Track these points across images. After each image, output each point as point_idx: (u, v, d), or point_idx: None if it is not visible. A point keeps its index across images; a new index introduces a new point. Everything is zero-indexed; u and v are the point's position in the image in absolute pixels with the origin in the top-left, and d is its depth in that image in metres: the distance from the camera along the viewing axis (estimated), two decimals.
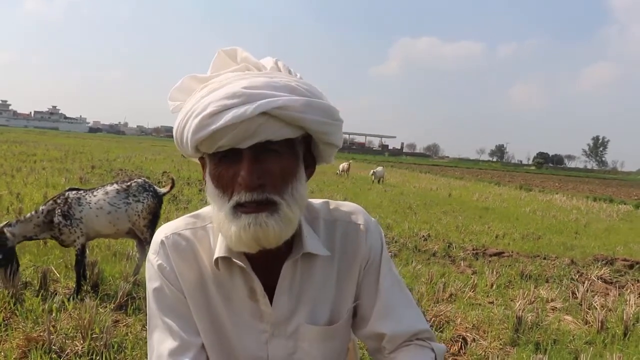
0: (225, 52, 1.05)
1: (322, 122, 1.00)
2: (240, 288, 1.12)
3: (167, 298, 1.13)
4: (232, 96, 0.93)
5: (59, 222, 4.52)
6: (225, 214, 1.00)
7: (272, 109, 0.93)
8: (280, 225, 0.99)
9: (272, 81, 0.97)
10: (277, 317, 1.13)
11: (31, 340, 3.53)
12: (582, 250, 9.46)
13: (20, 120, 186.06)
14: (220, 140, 0.95)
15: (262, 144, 0.96)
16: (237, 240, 1.00)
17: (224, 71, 1.02)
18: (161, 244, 1.15)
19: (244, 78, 0.97)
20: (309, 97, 0.98)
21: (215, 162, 1.01)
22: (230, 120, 0.91)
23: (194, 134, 0.96)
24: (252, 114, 0.91)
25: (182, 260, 1.14)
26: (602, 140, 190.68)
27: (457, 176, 41.20)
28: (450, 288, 5.77)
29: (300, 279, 1.14)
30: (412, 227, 10.14)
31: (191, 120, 0.97)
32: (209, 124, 0.93)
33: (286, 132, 0.97)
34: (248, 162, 0.96)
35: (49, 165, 17.65)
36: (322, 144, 1.07)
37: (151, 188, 5.04)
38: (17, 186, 10.89)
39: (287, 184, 1.01)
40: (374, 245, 1.19)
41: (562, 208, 18.99)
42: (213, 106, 0.93)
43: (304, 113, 0.96)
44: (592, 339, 4.68)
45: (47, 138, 52.43)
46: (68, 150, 28.85)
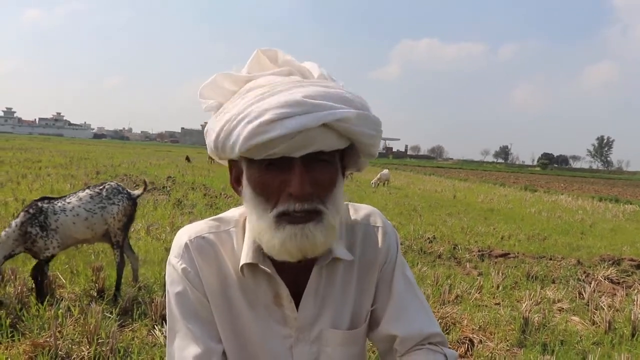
0: (263, 53, 1.03)
1: (372, 135, 1.00)
2: (265, 293, 1.11)
3: (190, 303, 1.10)
4: (293, 104, 0.90)
5: (36, 233, 4.35)
6: (268, 223, 0.98)
7: (332, 121, 0.92)
8: (326, 234, 0.98)
9: (329, 91, 0.95)
10: (302, 322, 1.12)
11: (38, 345, 3.54)
12: (589, 251, 9.42)
13: (25, 127, 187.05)
14: (275, 148, 0.92)
15: (314, 153, 0.95)
16: (282, 250, 0.98)
17: (265, 73, 1.00)
18: (185, 247, 1.12)
19: (301, 86, 0.95)
20: (362, 109, 0.98)
21: (260, 169, 0.97)
22: (292, 129, 0.89)
23: (247, 140, 0.92)
24: (312, 125, 0.90)
25: (206, 264, 1.11)
26: (607, 140, 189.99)
27: (462, 178, 41.13)
28: (456, 290, 5.75)
29: (325, 283, 1.13)
30: (417, 229, 10.11)
31: (243, 125, 0.92)
32: (267, 130, 0.90)
33: (338, 143, 0.97)
34: (301, 172, 0.94)
35: (54, 171, 17.69)
36: (364, 155, 1.07)
37: (125, 190, 4.99)
38: (23, 193, 10.92)
39: (331, 193, 1.00)
40: (390, 248, 1.19)
41: (568, 209, 18.93)
42: (272, 113, 0.90)
43: (358, 126, 0.96)
44: (599, 340, 4.66)
45: (52, 144, 52.65)
46: (73, 157, 28.95)
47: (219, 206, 11.44)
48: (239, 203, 1.18)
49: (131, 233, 7.60)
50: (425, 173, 46.87)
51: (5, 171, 16.36)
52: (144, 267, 5.71)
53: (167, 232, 7.92)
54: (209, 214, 10.38)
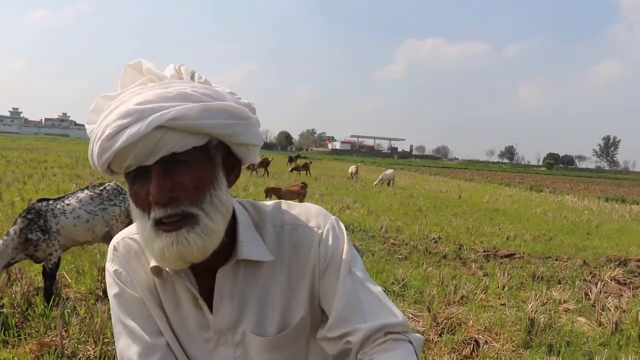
0: (130, 67, 1.01)
1: (224, 125, 0.96)
2: (185, 294, 1.11)
3: (126, 302, 1.12)
4: (125, 115, 0.90)
5: (38, 238, 4.22)
6: (147, 232, 0.98)
7: (165, 122, 0.90)
8: (203, 238, 0.96)
9: (165, 92, 0.93)
10: (220, 325, 1.10)
11: (44, 345, 3.56)
12: (595, 251, 9.38)
13: (31, 128, 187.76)
14: (125, 161, 0.93)
15: (169, 156, 0.93)
16: (162, 259, 0.98)
17: (131, 86, 0.98)
18: (114, 249, 1.15)
19: (138, 93, 0.94)
20: (205, 101, 0.95)
21: (130, 182, 0.98)
22: (126, 141, 0.89)
23: (99, 158, 0.94)
24: (146, 131, 0.89)
25: (134, 264, 1.13)
26: (613, 140, 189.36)
27: (467, 178, 41.04)
28: (462, 290, 5.73)
29: (242, 285, 1.10)
30: (422, 229, 10.10)
31: (95, 144, 0.94)
32: (109, 147, 0.91)
33: (189, 141, 0.94)
34: (156, 178, 0.93)
35: (59, 171, 17.78)
36: (234, 146, 1.03)
37: (124, 191, 4.88)
38: (29, 193, 10.97)
39: (204, 193, 0.97)
40: (329, 248, 1.12)
41: (574, 209, 18.87)
42: (110, 128, 0.91)
43: (200, 119, 0.93)
44: (606, 341, 4.64)
45: (58, 145, 52.87)
46: (78, 157, 29.04)
47: None
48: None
49: None
50: (430, 173, 46.79)
51: (12, 171, 16.46)
52: None
53: None
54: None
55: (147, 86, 0.97)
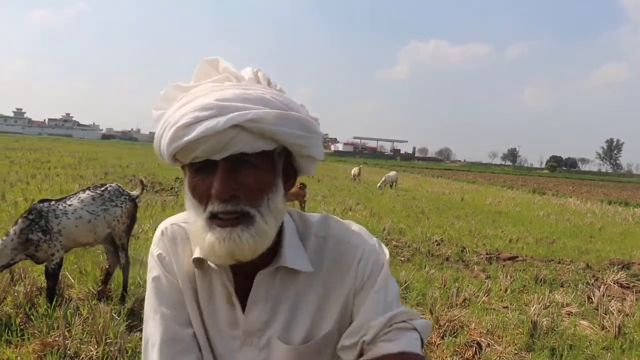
0: (207, 62, 1.05)
1: (296, 135, 0.99)
2: (220, 290, 1.13)
3: (164, 287, 1.14)
4: (204, 108, 0.93)
5: (39, 238, 4.19)
6: (200, 224, 1.00)
7: (243, 122, 0.93)
8: (255, 238, 0.98)
9: (245, 93, 0.96)
10: (249, 326, 1.11)
11: (46, 345, 3.57)
12: (598, 254, 9.37)
13: (34, 128, 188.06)
14: (194, 152, 0.95)
15: (237, 155, 0.96)
16: (211, 252, 1.00)
17: (205, 81, 1.02)
18: (161, 234, 1.18)
19: (218, 90, 0.97)
20: (283, 109, 0.97)
21: (192, 173, 1.01)
22: (202, 133, 0.92)
23: (169, 145, 0.97)
24: (223, 127, 0.91)
25: (180, 250, 1.16)
26: (617, 142, 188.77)
27: (470, 180, 40.97)
28: (464, 293, 5.73)
29: (277, 291, 1.11)
30: (425, 231, 10.09)
31: (167, 130, 0.97)
32: (182, 135, 0.94)
33: (260, 144, 0.96)
34: (221, 174, 0.96)
35: (62, 172, 17.83)
36: (299, 157, 1.06)
37: (125, 192, 4.90)
38: (32, 193, 11.00)
39: (263, 196, 1.00)
40: (368, 267, 1.12)
41: (577, 212, 18.83)
42: (186, 118, 0.94)
43: (276, 126, 0.96)
44: (609, 345, 4.63)
45: (61, 145, 52.98)
46: (81, 157, 29.12)
47: None
48: None
49: (139, 234, 7.65)
50: (433, 175, 46.76)
51: (15, 171, 16.50)
52: None
53: None
54: None
55: (224, 84, 1.00)
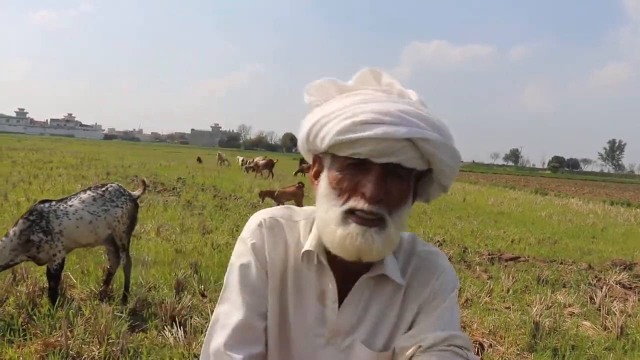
0: (370, 72, 1.10)
1: (449, 165, 1.07)
2: (313, 288, 1.16)
3: (251, 275, 1.16)
4: (387, 114, 0.99)
5: (40, 239, 4.17)
6: (335, 216, 1.04)
7: (418, 138, 0.99)
8: (385, 243, 1.04)
9: (421, 113, 1.02)
10: (339, 326, 1.15)
11: (49, 345, 3.57)
12: (600, 255, 9.35)
13: (36, 128, 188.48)
14: (360, 148, 1.00)
15: (391, 165, 1.01)
16: (340, 245, 1.04)
17: (368, 87, 1.08)
18: (259, 225, 1.20)
19: (397, 102, 1.03)
20: (447, 139, 1.05)
21: (341, 166, 1.05)
22: (381, 135, 0.97)
23: (338, 134, 1.01)
24: (401, 136, 0.98)
25: (274, 243, 1.18)
26: (619, 143, 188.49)
27: (472, 181, 40.90)
28: (466, 293, 5.72)
29: (369, 297, 1.16)
30: (427, 232, 10.09)
31: (338, 120, 1.02)
32: (358, 130, 0.99)
33: (417, 162, 1.03)
34: (377, 177, 1.01)
35: (65, 172, 17.86)
36: (437, 184, 1.13)
37: (126, 192, 4.87)
38: (34, 193, 11.02)
39: (399, 207, 1.06)
40: (442, 287, 1.18)
41: (579, 212, 18.80)
42: (366, 116, 0.99)
43: (439, 151, 1.03)
44: (611, 345, 4.62)
45: (63, 145, 53.07)
46: (84, 157, 29.17)
47: (229, 207, 11.47)
48: (249, 205, 1.19)
49: (141, 234, 7.66)
50: None
51: (18, 171, 16.53)
52: (154, 268, 5.74)
53: (177, 233, 7.96)
54: (219, 216, 10.42)
55: (403, 100, 1.06)
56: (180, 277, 5.23)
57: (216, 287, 5.31)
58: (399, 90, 1.08)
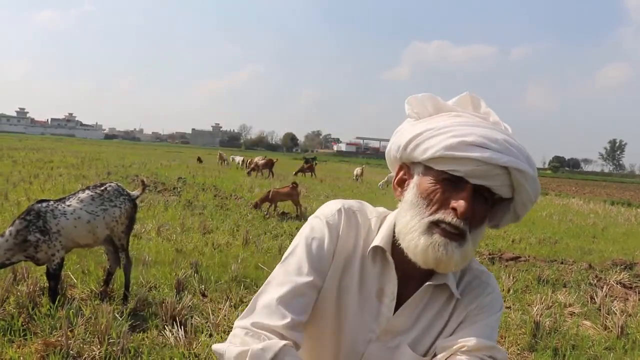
0: (470, 97, 1.19)
1: (530, 198, 1.14)
2: (373, 283, 1.21)
3: (320, 248, 1.19)
4: (495, 141, 1.07)
5: (37, 239, 4.15)
6: (419, 225, 1.10)
7: (513, 168, 1.07)
8: (462, 257, 1.10)
9: (519, 146, 1.10)
10: (393, 326, 1.20)
11: (49, 345, 3.57)
12: (600, 255, 9.35)
13: (37, 128, 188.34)
14: (461, 167, 1.06)
15: (482, 187, 1.08)
16: (422, 252, 1.09)
17: (466, 111, 1.15)
18: (338, 211, 1.25)
19: (501, 132, 1.11)
20: (536, 173, 1.13)
21: (435, 179, 1.11)
22: (486, 159, 1.05)
23: (446, 149, 1.07)
24: (501, 163, 1.05)
25: (347, 231, 1.23)
26: (620, 143, 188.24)
27: None
28: None
29: (426, 304, 1.21)
30: None
31: (446, 136, 1.08)
32: (466, 150, 1.05)
33: (505, 190, 1.11)
34: (470, 196, 1.07)
35: (65, 171, 17.85)
36: (513, 213, 1.19)
37: (125, 192, 4.84)
38: (35, 193, 11.02)
39: (480, 227, 1.13)
40: (487, 306, 1.22)
41: (579, 212, 18.80)
42: (475, 138, 1.06)
43: (527, 183, 1.10)
44: (611, 345, 4.62)
45: (64, 145, 53.05)
46: (84, 157, 29.15)
47: (230, 207, 11.47)
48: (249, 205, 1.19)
49: (142, 234, 7.66)
50: None
51: (18, 171, 16.53)
52: (154, 268, 5.74)
53: (177, 233, 7.96)
54: (220, 215, 10.41)
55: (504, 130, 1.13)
56: (180, 277, 5.23)
57: (216, 286, 5.32)
58: (495, 120, 1.15)
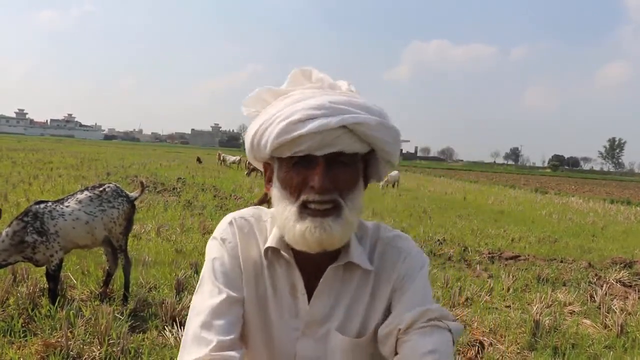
0: (301, 71, 1.16)
1: (388, 142, 1.12)
2: (284, 282, 1.20)
3: (224, 266, 1.18)
4: (319, 107, 1.04)
5: (34, 240, 4.13)
6: (291, 214, 1.09)
7: (352, 124, 1.04)
8: (343, 229, 1.08)
9: (352, 100, 1.08)
10: (312, 317, 1.18)
11: (49, 345, 3.57)
12: (600, 253, 9.35)
13: (36, 129, 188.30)
14: (300, 146, 1.05)
15: (334, 154, 1.06)
16: (301, 240, 1.08)
17: (300, 87, 1.13)
18: (229, 224, 1.25)
19: (328, 94, 1.08)
20: (382, 117, 1.10)
21: (287, 167, 1.10)
22: (316, 129, 1.02)
23: (277, 137, 1.06)
24: (335, 125, 1.03)
25: (245, 241, 1.22)
26: (619, 142, 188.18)
27: (472, 180, 40.94)
28: (467, 292, 5.73)
29: (339, 285, 1.20)
30: (427, 231, 10.09)
31: (275, 124, 1.07)
32: (295, 129, 1.04)
33: (357, 146, 1.08)
34: (322, 168, 1.06)
35: (65, 172, 17.84)
36: (383, 162, 1.18)
37: (124, 193, 4.82)
38: (34, 194, 11.00)
39: (350, 192, 1.10)
40: (409, 269, 1.21)
41: (579, 211, 18.80)
42: (300, 114, 1.04)
43: (376, 131, 1.08)
44: (611, 343, 4.62)
45: (63, 146, 53.04)
46: (84, 158, 29.14)
47: (229, 207, 11.48)
48: (249, 205, 1.21)
49: (141, 234, 7.66)
50: (435, 175, 46.74)
51: (17, 172, 16.52)
52: (154, 268, 5.74)
53: (177, 233, 7.96)
54: (219, 216, 10.42)
55: (333, 90, 1.12)
56: (180, 277, 5.23)
57: None
58: (329, 84, 1.13)
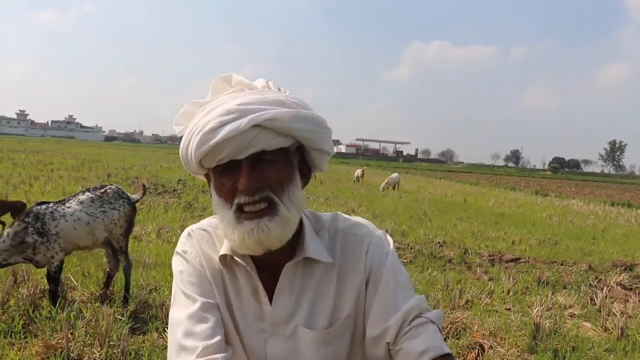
0: (221, 78, 1.18)
1: (310, 130, 1.11)
2: (246, 286, 1.20)
3: (191, 277, 1.20)
4: (228, 112, 1.05)
5: (35, 241, 4.13)
6: (229, 220, 1.10)
7: (263, 121, 1.04)
8: (282, 226, 1.08)
9: (262, 97, 1.09)
10: (276, 317, 1.18)
11: (50, 347, 3.57)
12: (600, 256, 9.34)
13: (37, 130, 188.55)
14: (220, 154, 1.06)
15: (258, 154, 1.06)
16: (242, 244, 1.09)
17: (221, 95, 1.13)
18: (188, 236, 1.27)
19: (238, 97, 1.09)
20: (297, 108, 1.10)
21: (217, 175, 1.12)
22: (228, 134, 1.03)
23: (196, 150, 1.07)
24: (245, 127, 1.03)
25: (206, 250, 1.23)
26: (619, 144, 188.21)
27: (472, 182, 40.93)
28: (467, 295, 5.72)
29: (300, 282, 1.20)
30: (427, 233, 10.08)
31: (194, 137, 1.08)
32: (210, 138, 1.05)
33: (279, 141, 1.08)
34: (246, 170, 1.07)
35: (65, 173, 17.84)
36: (312, 151, 1.17)
37: (125, 195, 4.83)
38: (35, 195, 11.00)
39: (284, 188, 1.10)
40: (375, 257, 1.21)
41: (579, 213, 18.78)
42: (211, 123, 1.05)
43: (292, 123, 1.07)
44: (612, 346, 4.62)
45: (64, 147, 53.06)
46: (84, 159, 29.15)
47: None
48: None
49: (142, 236, 7.66)
50: (435, 177, 46.73)
51: (18, 173, 16.53)
52: (154, 270, 5.75)
53: (177, 235, 7.94)
54: None
55: (244, 92, 1.12)
56: None
57: None
58: (248, 85, 1.14)
